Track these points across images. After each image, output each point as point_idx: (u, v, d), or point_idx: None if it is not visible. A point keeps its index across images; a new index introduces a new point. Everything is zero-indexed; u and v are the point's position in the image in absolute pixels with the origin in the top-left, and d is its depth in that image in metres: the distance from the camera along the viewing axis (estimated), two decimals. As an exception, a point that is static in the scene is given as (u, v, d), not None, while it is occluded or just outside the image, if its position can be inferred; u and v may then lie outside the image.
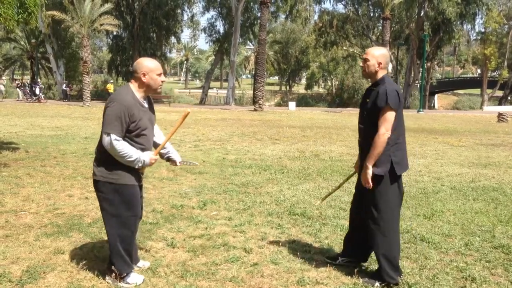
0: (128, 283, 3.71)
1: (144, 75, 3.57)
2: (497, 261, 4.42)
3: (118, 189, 3.60)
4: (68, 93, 38.86)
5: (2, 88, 35.69)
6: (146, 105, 3.69)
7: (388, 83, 3.74)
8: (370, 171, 3.72)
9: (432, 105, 58.26)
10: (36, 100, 33.38)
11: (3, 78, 38.22)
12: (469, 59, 76.44)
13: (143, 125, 3.59)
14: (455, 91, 69.77)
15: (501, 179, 8.53)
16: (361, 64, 3.92)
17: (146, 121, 3.63)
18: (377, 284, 3.80)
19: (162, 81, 3.65)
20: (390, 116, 3.65)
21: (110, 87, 37.44)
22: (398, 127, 3.76)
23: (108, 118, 3.49)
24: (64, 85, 40.35)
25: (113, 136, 3.45)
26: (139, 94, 3.62)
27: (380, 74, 3.81)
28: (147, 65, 3.59)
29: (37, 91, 34.18)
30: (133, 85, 3.63)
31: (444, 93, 68.07)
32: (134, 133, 3.56)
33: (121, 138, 3.49)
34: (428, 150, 12.33)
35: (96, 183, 3.67)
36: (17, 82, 36.97)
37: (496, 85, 55.32)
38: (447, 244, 4.85)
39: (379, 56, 3.80)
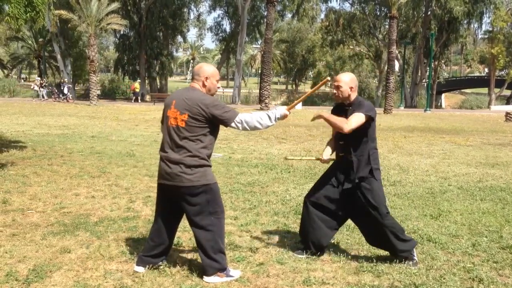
0: (233, 276, 3.86)
1: (206, 79, 3.82)
2: (505, 262, 4.38)
3: (213, 187, 3.79)
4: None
5: (36, 88, 35.70)
6: None
7: (364, 100, 4.23)
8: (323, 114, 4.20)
9: (439, 104, 58.02)
10: (64, 100, 33.30)
11: (37, 78, 38.05)
12: (475, 58, 75.99)
13: None
14: (462, 90, 69.39)
15: (509, 179, 8.47)
16: (334, 91, 4.31)
17: None
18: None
19: (218, 87, 3.93)
20: (361, 118, 4.06)
21: (138, 86, 37.95)
22: (375, 136, 4.32)
23: (222, 106, 3.73)
24: None
25: (238, 117, 3.70)
26: None
27: (353, 96, 4.25)
28: (209, 70, 3.87)
29: (65, 90, 34.13)
30: (199, 87, 3.85)
31: (451, 92, 67.74)
32: (217, 128, 3.84)
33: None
34: (435, 150, 12.28)
35: (191, 189, 3.73)
36: (41, 82, 36.91)
37: (504, 84, 54.97)
38: (454, 244, 4.83)
39: (349, 81, 4.22)
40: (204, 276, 3.82)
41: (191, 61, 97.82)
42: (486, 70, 78.83)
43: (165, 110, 3.86)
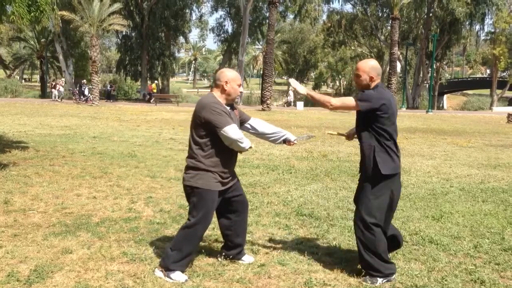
0: (173, 279, 3.83)
1: (226, 83, 3.88)
2: (507, 264, 4.38)
3: (202, 193, 3.87)
4: (112, 93, 38.70)
5: (62, 89, 35.74)
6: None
7: (376, 90, 3.89)
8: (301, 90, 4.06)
9: (441, 105, 58.00)
10: (84, 101, 33.15)
11: (62, 79, 38.01)
12: (477, 59, 75.99)
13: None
14: (464, 92, 69.39)
15: (511, 180, 8.46)
16: (355, 80, 4.09)
17: (237, 124, 3.95)
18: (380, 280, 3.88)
19: (240, 92, 3.96)
20: (350, 101, 3.93)
21: (155, 87, 39.03)
22: (392, 132, 3.94)
23: (218, 112, 3.74)
24: (109, 85, 40.46)
25: (227, 128, 3.73)
26: (221, 100, 3.90)
27: (373, 85, 3.96)
28: (230, 75, 3.92)
29: (86, 92, 34.05)
30: (216, 93, 3.93)
31: (453, 94, 67.72)
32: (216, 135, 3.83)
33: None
34: (437, 151, 12.26)
35: (184, 188, 3.97)
36: (53, 83, 37.01)
37: (506, 85, 54.93)
38: (456, 246, 4.82)
39: (369, 70, 3.93)
40: (157, 266, 3.98)
41: (193, 61, 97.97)
42: (488, 71, 78.76)
43: None
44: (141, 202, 6.25)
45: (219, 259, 4.22)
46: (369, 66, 3.94)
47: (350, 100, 3.95)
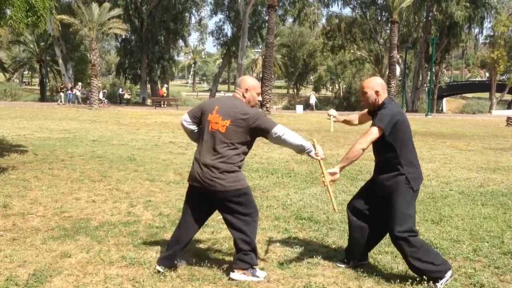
0: (259, 276, 3.95)
1: (246, 90, 4.01)
2: (506, 267, 4.37)
3: (245, 191, 3.92)
4: (125, 97, 38.60)
5: (79, 94, 35.81)
6: None
7: (387, 107, 3.92)
8: (337, 174, 3.95)
9: (440, 108, 58.10)
10: (100, 105, 33.03)
11: (79, 84, 38.09)
12: (476, 62, 76.18)
13: None
14: (464, 95, 69.49)
15: (510, 184, 8.46)
16: (362, 99, 4.14)
17: None
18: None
19: (258, 100, 4.13)
20: (373, 132, 3.85)
21: (165, 91, 40.23)
22: (408, 146, 3.95)
23: (263, 117, 3.95)
24: (121, 89, 40.48)
25: (277, 127, 3.92)
26: None
27: (381, 100, 4.00)
28: (250, 83, 4.05)
29: (101, 95, 33.98)
30: (240, 97, 4.03)
31: (452, 97, 67.81)
32: (254, 139, 4.02)
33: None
34: (436, 154, 12.26)
35: (224, 193, 3.86)
36: (61, 85, 37.08)
37: (505, 88, 55.04)
38: (455, 249, 4.81)
39: (374, 85, 4.00)
40: (230, 273, 3.94)
41: (193, 65, 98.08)
42: (487, 74, 78.93)
43: (205, 115, 3.96)
44: (140, 206, 6.25)
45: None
46: (373, 82, 4.05)
47: (372, 132, 3.85)
